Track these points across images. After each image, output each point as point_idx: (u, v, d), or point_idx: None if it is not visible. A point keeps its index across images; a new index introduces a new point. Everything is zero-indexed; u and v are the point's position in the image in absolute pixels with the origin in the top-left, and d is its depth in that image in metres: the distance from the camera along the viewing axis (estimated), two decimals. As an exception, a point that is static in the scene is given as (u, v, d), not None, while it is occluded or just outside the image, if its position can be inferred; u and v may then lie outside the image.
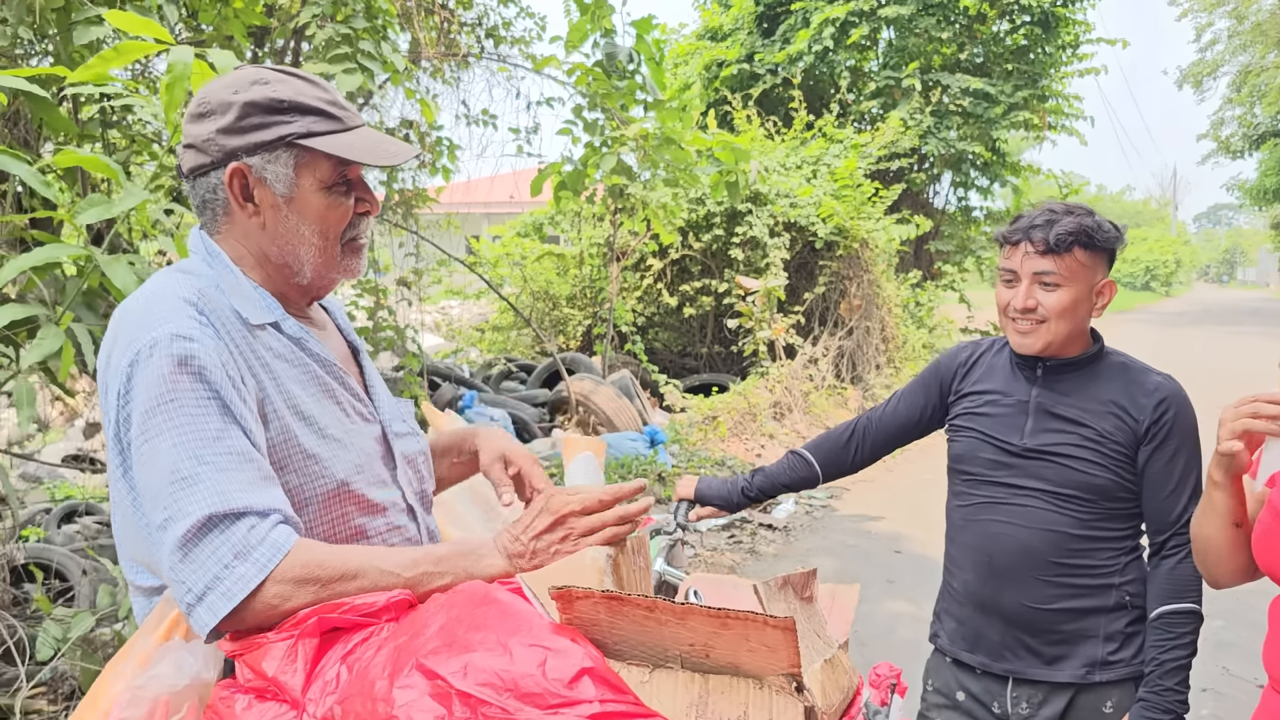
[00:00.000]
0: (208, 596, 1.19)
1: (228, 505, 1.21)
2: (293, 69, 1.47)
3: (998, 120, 14.30)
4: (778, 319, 10.46)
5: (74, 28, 2.89)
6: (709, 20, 16.76)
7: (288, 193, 1.41)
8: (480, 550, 1.35)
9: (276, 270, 1.46)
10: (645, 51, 6.90)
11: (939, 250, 14.96)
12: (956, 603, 2.17)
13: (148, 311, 1.32)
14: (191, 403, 1.25)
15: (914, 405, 2.25)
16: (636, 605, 1.05)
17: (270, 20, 5.31)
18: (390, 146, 1.46)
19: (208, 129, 1.39)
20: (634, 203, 8.12)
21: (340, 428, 1.45)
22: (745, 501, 2.32)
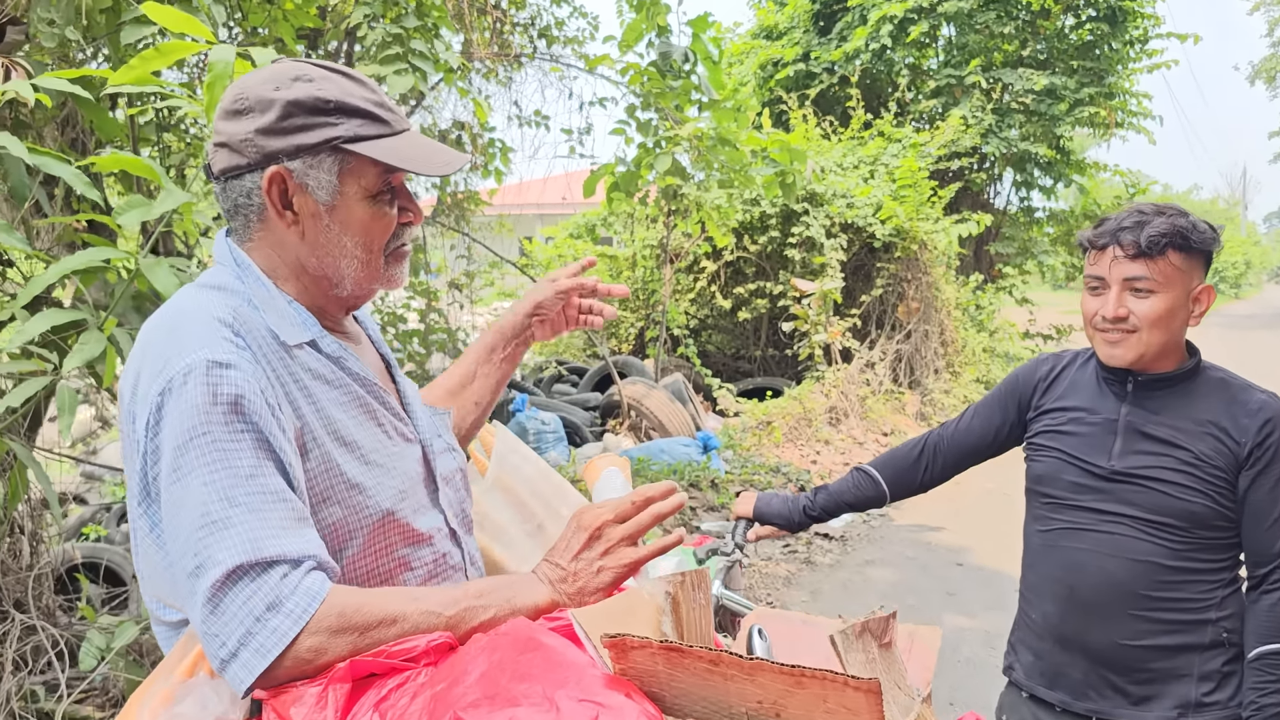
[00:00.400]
0: (241, 653, 1.09)
1: (259, 553, 1.11)
2: (335, 65, 1.34)
3: (1062, 118, 13.93)
4: (834, 322, 10.27)
5: (122, 28, 2.84)
6: (764, 19, 16.59)
7: (330, 201, 1.29)
8: (522, 581, 1.26)
9: (314, 282, 1.35)
10: (701, 51, 6.78)
11: (999, 252, 14.62)
12: (1034, 635, 2.01)
13: (180, 333, 1.21)
14: (225, 437, 1.14)
15: (989, 422, 2.10)
16: (699, 658, 0.94)
17: (323, 23, 5.29)
18: (441, 154, 1.35)
19: (245, 128, 1.27)
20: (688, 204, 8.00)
21: (383, 452, 1.35)
22: (807, 521, 2.19)
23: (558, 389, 9.83)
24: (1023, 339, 13.77)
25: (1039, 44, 14.69)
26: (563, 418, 8.06)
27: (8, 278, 3.19)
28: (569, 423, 8.14)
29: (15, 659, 2.59)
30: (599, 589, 1.26)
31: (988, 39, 14.59)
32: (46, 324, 2.30)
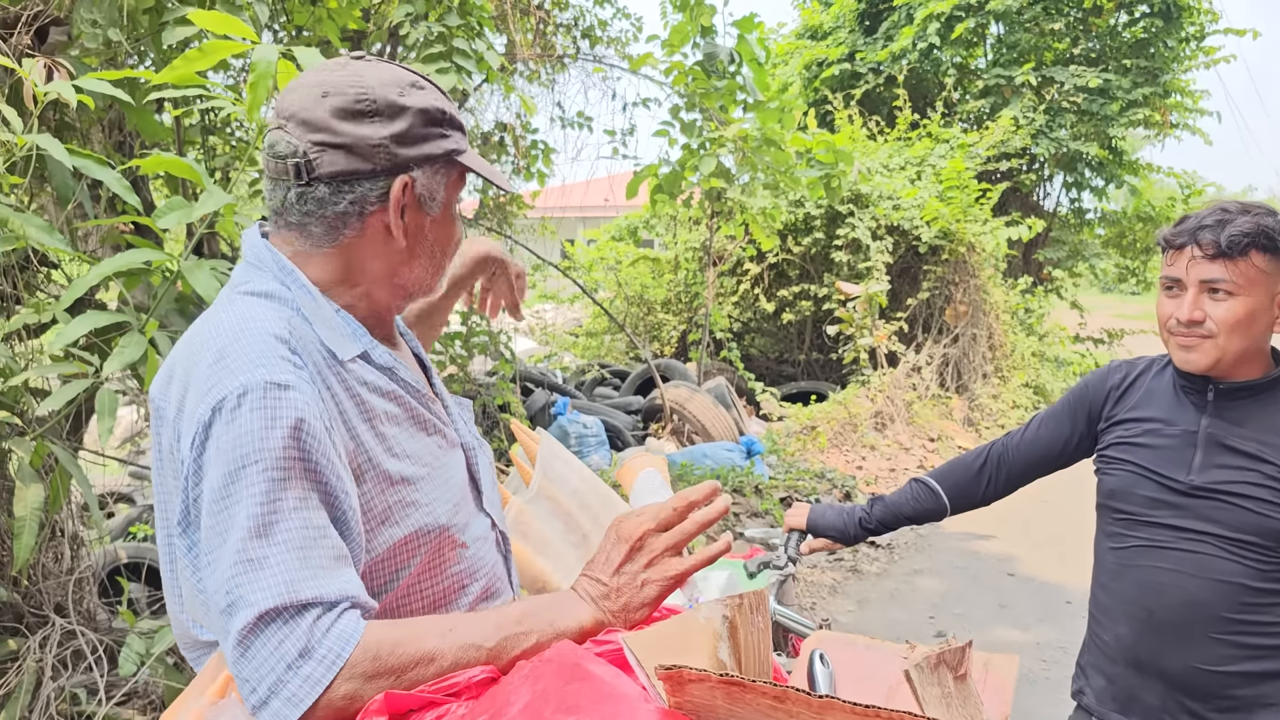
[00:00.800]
0: (273, 702, 1.03)
1: (294, 596, 1.04)
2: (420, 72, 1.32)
3: (1115, 118, 13.63)
4: (879, 325, 10.12)
5: (164, 29, 2.83)
6: (809, 19, 16.44)
7: (434, 213, 1.29)
8: (564, 600, 1.20)
9: (390, 293, 1.31)
10: (746, 52, 6.70)
11: (1049, 255, 14.35)
12: (1106, 658, 1.90)
13: (235, 350, 1.13)
14: (275, 467, 1.07)
15: (1057, 433, 2.00)
16: (762, 694, 0.86)
17: (367, 25, 5.28)
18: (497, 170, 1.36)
19: (377, 132, 1.21)
20: (732, 205, 7.92)
21: (436, 463, 1.31)
22: (863, 534, 2.10)
23: (599, 392, 9.78)
24: (1073, 343, 13.49)
25: (1090, 41, 14.40)
26: (604, 421, 8.01)
27: (52, 279, 3.20)
28: (611, 426, 8.08)
29: (55, 663, 2.58)
30: (644, 604, 1.20)
31: (1037, 37, 14.32)
32: (87, 326, 2.27)
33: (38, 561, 2.75)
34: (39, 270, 2.94)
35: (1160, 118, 13.96)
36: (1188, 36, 14.06)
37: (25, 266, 2.81)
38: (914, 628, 5.11)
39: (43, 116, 2.76)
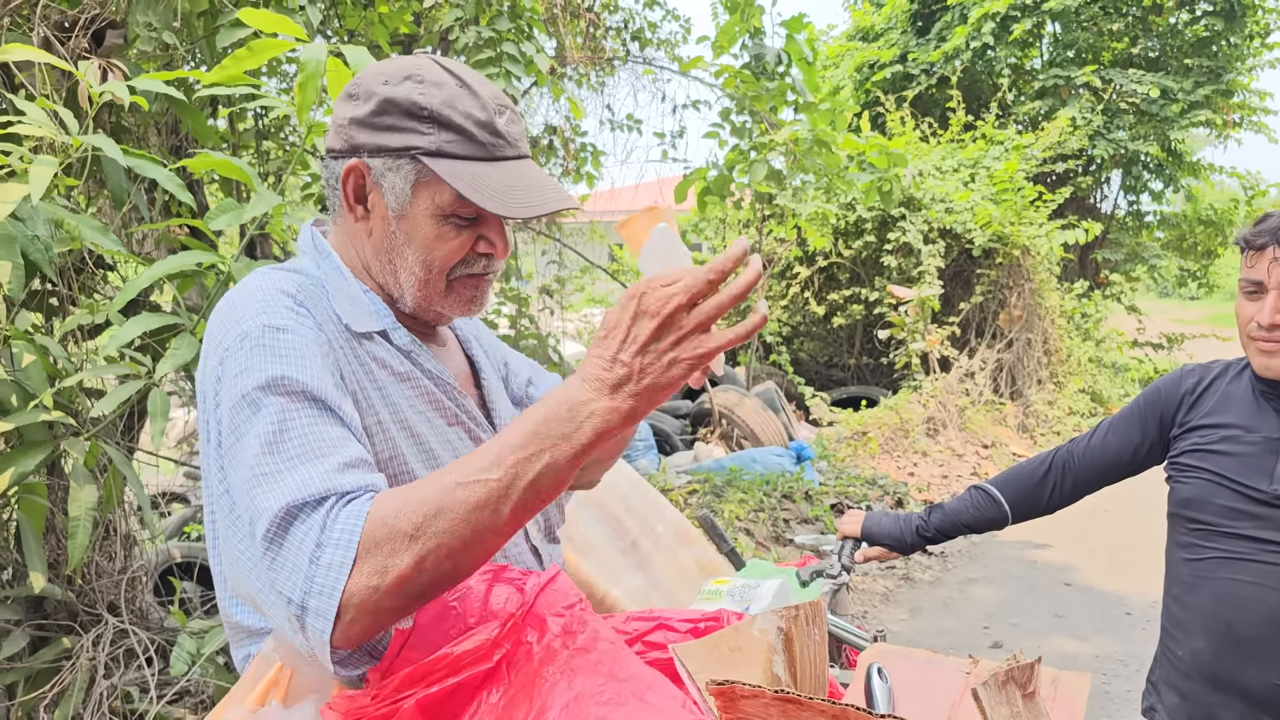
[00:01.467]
0: (310, 602, 0.98)
1: (307, 491, 1.01)
2: (465, 72, 1.27)
3: (1175, 119, 13.33)
4: (932, 330, 9.98)
5: (218, 30, 2.85)
6: (860, 20, 16.30)
7: (399, 209, 1.24)
8: (571, 398, 1.01)
9: (377, 287, 1.30)
10: (796, 52, 6.64)
11: (1107, 258, 14.06)
12: (1181, 674, 1.83)
13: (239, 305, 1.18)
14: (279, 397, 1.08)
15: (1126, 439, 1.92)
16: (820, 712, 0.81)
17: (418, 29, 5.30)
18: (530, 194, 1.22)
19: (346, 113, 1.25)
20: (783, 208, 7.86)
21: (452, 451, 1.27)
22: (920, 542, 2.04)
23: (647, 396, 9.74)
24: (1131, 348, 13.20)
25: (1150, 41, 14.10)
26: (652, 425, 7.97)
27: (108, 280, 3.23)
28: (659, 430, 8.04)
29: (108, 661, 2.60)
30: (670, 384, 1.02)
31: (1096, 36, 14.06)
32: (141, 328, 2.29)
33: (91, 561, 2.77)
34: (95, 272, 2.97)
35: (1222, 118, 13.63)
36: (1251, 34, 13.71)
37: (81, 268, 2.84)
38: (968, 637, 5.00)
39: (100, 120, 2.80)
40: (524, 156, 1.28)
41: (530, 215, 1.20)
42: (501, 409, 1.42)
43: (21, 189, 2.16)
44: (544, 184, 1.25)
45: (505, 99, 1.28)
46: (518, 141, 1.26)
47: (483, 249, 1.27)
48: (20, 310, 2.57)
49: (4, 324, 2.40)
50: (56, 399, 2.42)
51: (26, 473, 2.33)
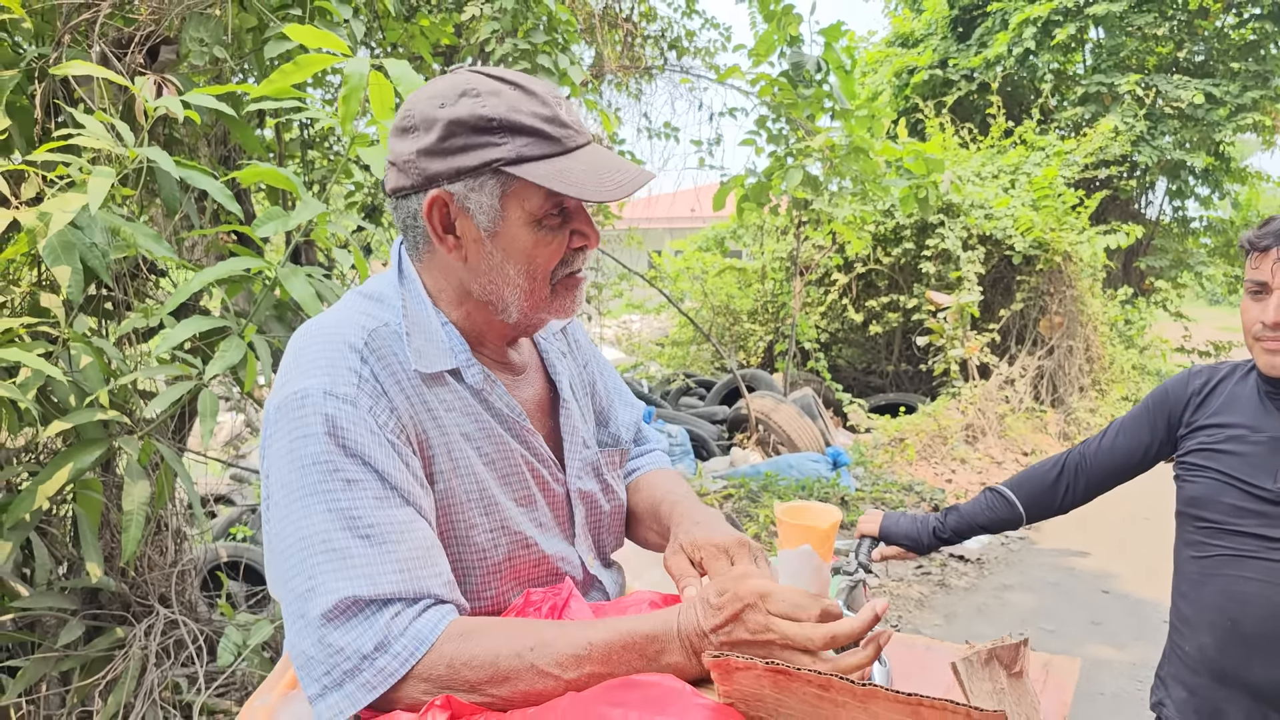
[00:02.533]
0: (344, 687, 1.08)
1: (375, 590, 1.09)
2: (511, 75, 1.25)
3: (1222, 124, 13.16)
4: (971, 337, 9.94)
5: (265, 45, 2.96)
6: (900, 26, 16.26)
7: (491, 226, 1.22)
8: (659, 644, 1.09)
9: (479, 308, 1.30)
10: (833, 60, 6.68)
11: (1151, 265, 13.89)
12: (1188, 670, 1.86)
13: (308, 353, 1.21)
14: (349, 468, 1.13)
15: (1136, 440, 1.96)
16: (808, 682, 0.88)
17: (458, 40, 5.42)
18: (615, 173, 1.22)
19: (409, 147, 1.23)
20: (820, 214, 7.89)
21: (514, 492, 1.31)
22: (936, 543, 2.09)
23: (684, 401, 9.80)
24: (1177, 355, 13.02)
25: (1196, 45, 13.93)
26: (689, 430, 8.03)
27: (160, 286, 3.37)
28: (696, 436, 8.09)
29: (159, 651, 2.71)
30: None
31: (1140, 41, 13.91)
32: (191, 330, 2.39)
33: (143, 554, 2.89)
34: (148, 277, 3.10)
35: (1271, 122, 13.42)
36: (1301, 37, 13.51)
37: (135, 274, 2.97)
38: (1001, 644, 4.99)
39: (153, 132, 2.92)
40: (589, 142, 1.27)
41: (624, 195, 1.20)
42: (576, 438, 1.42)
43: (81, 198, 2.28)
44: (619, 163, 1.25)
45: (557, 89, 1.27)
46: (581, 127, 1.26)
47: (577, 243, 1.27)
48: (78, 314, 2.69)
49: (63, 327, 2.52)
50: (111, 399, 2.54)
51: (84, 469, 2.45)
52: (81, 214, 2.38)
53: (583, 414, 1.48)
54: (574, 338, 1.58)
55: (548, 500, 1.35)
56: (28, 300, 2.68)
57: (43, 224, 2.29)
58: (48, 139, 2.71)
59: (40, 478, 2.41)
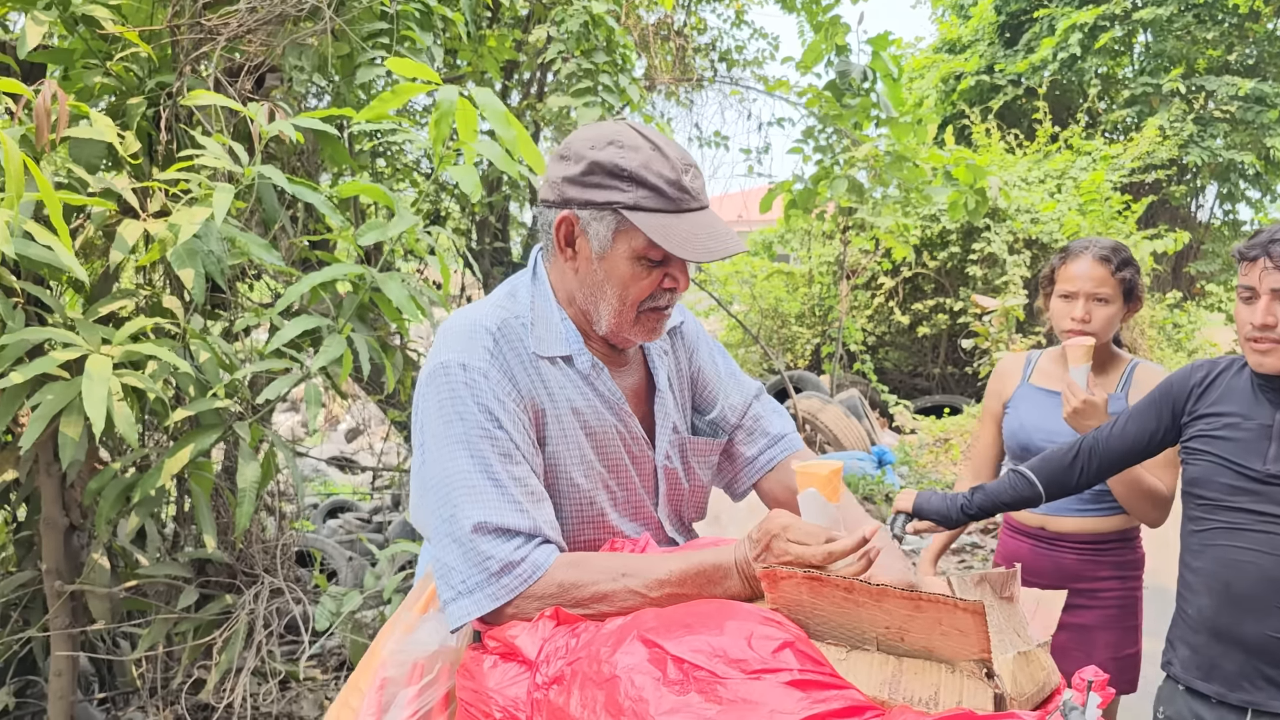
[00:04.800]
0: (476, 594, 1.39)
1: (503, 521, 1.39)
2: (656, 136, 1.51)
3: (1272, 126, 13.11)
4: (1016, 340, 10.06)
5: (356, 71, 3.27)
6: (947, 33, 16.35)
7: (601, 251, 1.49)
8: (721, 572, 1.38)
9: (579, 313, 1.59)
10: (881, 68, 6.83)
11: (1202, 269, 13.86)
12: (1190, 630, 2.10)
13: (452, 333, 1.52)
14: (479, 425, 1.44)
15: (1144, 427, 2.19)
16: (835, 586, 1.15)
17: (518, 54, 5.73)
18: (709, 240, 1.47)
19: (558, 172, 1.52)
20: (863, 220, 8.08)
21: (608, 459, 1.60)
22: (964, 518, 2.33)
23: (733, 402, 10.00)
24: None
25: (1247, 48, 13.88)
26: (738, 429, 8.21)
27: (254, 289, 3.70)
28: (744, 435, 8.28)
29: (265, 616, 3.02)
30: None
31: (1189, 45, 13.90)
32: (299, 329, 2.70)
33: (251, 529, 3.22)
34: (250, 281, 3.43)
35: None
36: (1354, 39, 13.41)
37: (241, 278, 3.29)
38: (1039, 634, 5.16)
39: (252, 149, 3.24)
40: (705, 207, 1.52)
41: (708, 259, 1.46)
42: (666, 423, 1.69)
43: (205, 211, 2.60)
44: (720, 231, 1.49)
45: (689, 158, 1.53)
46: (700, 195, 1.51)
47: (668, 284, 1.53)
48: (194, 313, 3.01)
49: (184, 325, 2.85)
50: (225, 389, 2.85)
51: (203, 450, 2.77)
52: (203, 225, 2.69)
53: (677, 403, 1.74)
54: (683, 335, 1.81)
55: (637, 471, 1.65)
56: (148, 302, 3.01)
57: (172, 234, 2.60)
58: (168, 158, 3.04)
59: (166, 456, 2.72)
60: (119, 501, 2.79)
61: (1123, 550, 2.65)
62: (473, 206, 6.65)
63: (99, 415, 2.35)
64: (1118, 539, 2.64)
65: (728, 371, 1.87)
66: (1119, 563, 2.65)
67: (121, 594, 3.02)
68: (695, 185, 1.50)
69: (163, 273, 3.19)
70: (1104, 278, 2.51)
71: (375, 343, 3.01)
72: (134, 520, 2.88)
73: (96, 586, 2.93)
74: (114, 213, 2.77)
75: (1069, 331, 2.53)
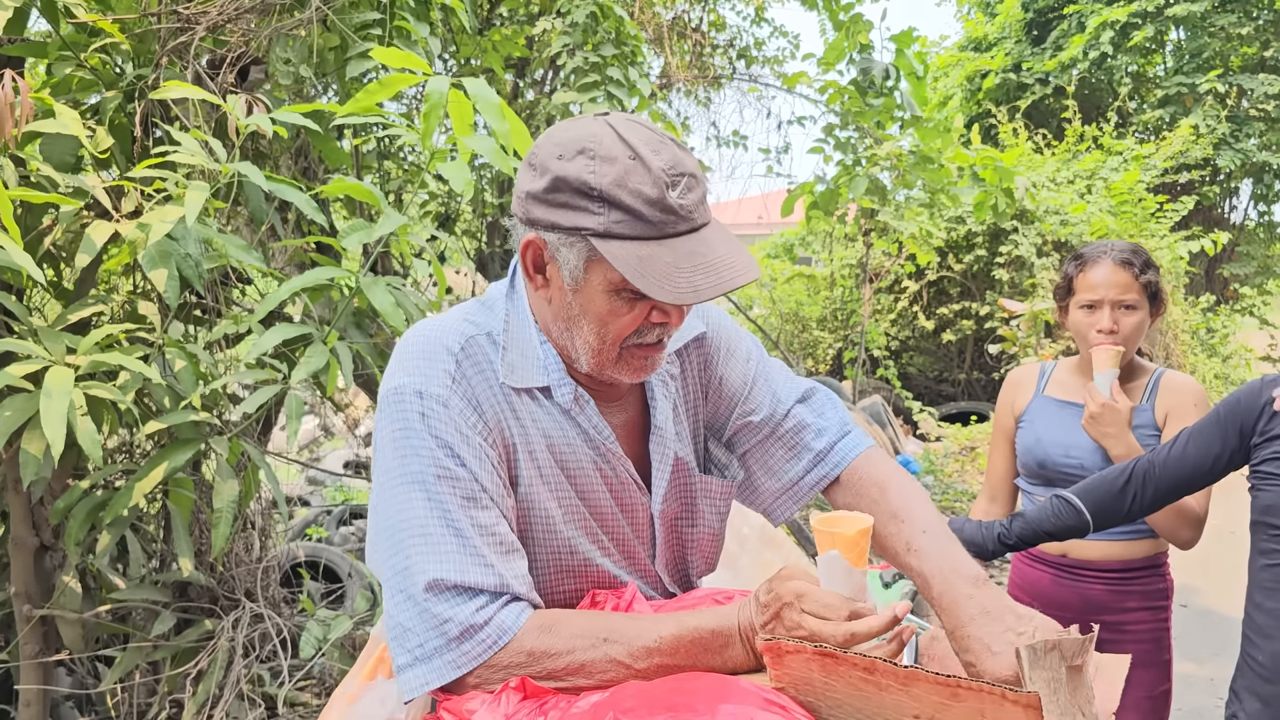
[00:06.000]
0: (431, 661, 1.19)
1: (463, 579, 1.19)
2: (641, 140, 1.22)
3: (1309, 125, 12.78)
4: (1045, 344, 9.79)
5: (347, 64, 3.09)
6: (972, 31, 16.08)
7: (574, 283, 1.25)
8: (722, 638, 1.19)
9: (557, 346, 1.34)
10: (904, 66, 6.65)
11: (1235, 271, 13.52)
12: (1261, 680, 1.86)
13: (410, 353, 1.31)
14: (436, 463, 1.23)
15: (1206, 449, 1.95)
16: (853, 665, 0.94)
17: (530, 52, 5.55)
18: (701, 275, 1.18)
19: (524, 184, 1.27)
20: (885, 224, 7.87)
21: (591, 505, 1.37)
22: (1001, 549, 2.10)
23: (753, 408, 9.80)
24: (1263, 364, 12.64)
25: (1283, 45, 13.54)
26: (757, 437, 8.03)
27: (245, 294, 3.52)
28: (763, 442, 8.09)
29: (245, 644, 2.84)
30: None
31: (1223, 42, 13.56)
32: (279, 337, 2.52)
33: (230, 550, 3.04)
34: (234, 286, 3.25)
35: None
36: (1395, 36, 13.05)
37: (224, 282, 3.12)
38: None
39: (243, 148, 3.07)
40: (698, 227, 1.23)
41: (693, 300, 1.17)
42: (664, 465, 1.44)
43: (178, 211, 2.42)
44: (716, 260, 1.21)
45: (684, 164, 1.22)
46: (693, 211, 1.22)
47: (657, 319, 1.27)
48: (172, 320, 2.84)
49: (159, 332, 2.67)
50: (203, 401, 2.67)
51: (178, 467, 2.59)
52: (177, 225, 2.52)
53: (685, 435, 1.48)
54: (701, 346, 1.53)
55: (628, 519, 1.41)
56: (123, 308, 2.84)
57: (143, 235, 2.42)
58: (145, 155, 2.87)
59: (138, 475, 2.55)
60: (89, 520, 2.62)
61: (1152, 579, 2.41)
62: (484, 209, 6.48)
63: (57, 433, 2.17)
64: (1146, 566, 2.40)
65: (762, 375, 1.55)
66: (1148, 592, 2.41)
67: (96, 619, 2.85)
68: (687, 201, 1.20)
69: (141, 277, 3.02)
70: (1128, 283, 2.30)
71: (368, 350, 2.83)
72: (105, 540, 2.71)
73: (67, 611, 2.75)
74: (87, 214, 2.60)
75: (1097, 345, 2.36)
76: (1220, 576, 6.26)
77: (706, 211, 1.25)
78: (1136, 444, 2.23)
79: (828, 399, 1.57)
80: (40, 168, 2.54)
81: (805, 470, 1.53)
